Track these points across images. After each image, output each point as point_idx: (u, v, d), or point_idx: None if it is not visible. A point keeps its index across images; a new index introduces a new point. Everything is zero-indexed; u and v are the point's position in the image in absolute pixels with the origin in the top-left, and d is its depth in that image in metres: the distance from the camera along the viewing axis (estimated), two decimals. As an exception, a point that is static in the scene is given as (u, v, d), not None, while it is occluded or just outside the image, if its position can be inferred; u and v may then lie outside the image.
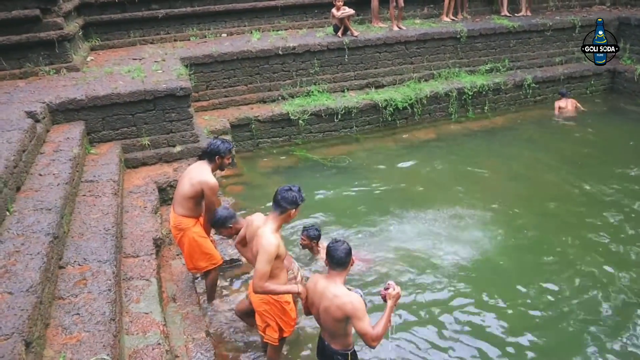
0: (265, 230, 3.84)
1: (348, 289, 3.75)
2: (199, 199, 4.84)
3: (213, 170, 4.86)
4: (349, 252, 3.71)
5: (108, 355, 3.20)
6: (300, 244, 5.88)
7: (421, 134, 10.06)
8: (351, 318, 3.58)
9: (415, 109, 10.26)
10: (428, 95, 10.33)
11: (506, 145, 9.60)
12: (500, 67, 11.55)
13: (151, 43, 10.20)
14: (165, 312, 4.65)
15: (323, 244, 5.82)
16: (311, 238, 5.76)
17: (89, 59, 9.00)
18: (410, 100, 10.14)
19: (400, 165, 8.85)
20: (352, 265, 3.81)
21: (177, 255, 5.70)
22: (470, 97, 10.73)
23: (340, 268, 3.70)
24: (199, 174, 4.80)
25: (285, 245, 4.06)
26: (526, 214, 7.14)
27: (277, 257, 3.82)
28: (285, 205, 3.84)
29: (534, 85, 11.30)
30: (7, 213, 4.21)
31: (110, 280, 3.96)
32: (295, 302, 4.35)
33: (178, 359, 4.21)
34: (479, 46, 11.39)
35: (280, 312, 4.09)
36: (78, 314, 3.57)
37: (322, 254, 5.79)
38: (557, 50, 12.09)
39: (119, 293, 4.18)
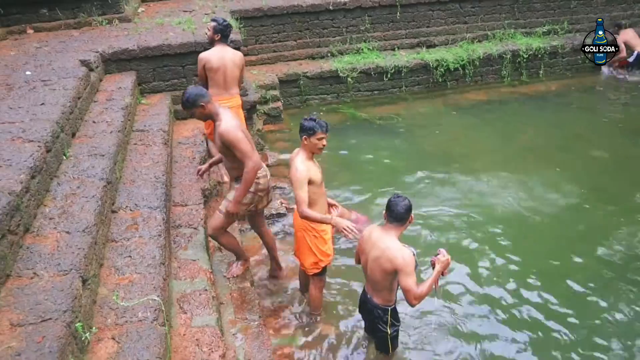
0: (294, 160, 4.17)
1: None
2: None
3: None
4: (408, 209, 3.70)
5: (158, 296, 3.29)
6: None
7: (471, 96, 9.81)
8: (399, 272, 3.59)
9: (466, 71, 9.98)
10: (481, 57, 10.01)
11: (559, 112, 9.25)
12: (559, 30, 11.02)
13: (201, -5, 10.15)
14: (212, 260, 4.75)
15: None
16: None
17: (140, 10, 9.03)
18: (462, 61, 9.86)
19: (448, 127, 8.68)
20: (411, 222, 3.81)
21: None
22: (525, 60, 10.34)
23: (398, 223, 3.71)
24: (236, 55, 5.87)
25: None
26: (574, 184, 6.90)
27: (311, 182, 4.08)
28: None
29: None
30: (64, 157, 4.33)
31: (160, 226, 4.05)
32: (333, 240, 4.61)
33: (223, 305, 4.32)
34: (537, 6, 10.87)
35: (317, 240, 4.30)
36: (130, 256, 3.68)
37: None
38: (621, 13, 11.40)
39: (168, 239, 4.28)
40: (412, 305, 3.73)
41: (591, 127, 8.62)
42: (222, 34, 5.77)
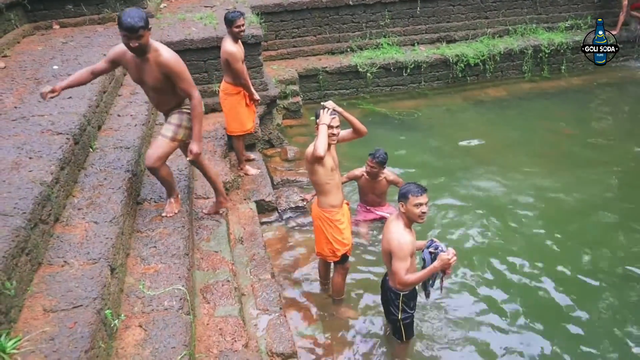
0: None
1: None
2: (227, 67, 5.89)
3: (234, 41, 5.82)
4: (401, 195, 3.86)
5: (183, 286, 3.37)
6: (366, 171, 5.69)
7: (492, 92, 9.74)
8: (392, 254, 3.80)
9: (487, 66, 9.91)
10: (502, 52, 9.94)
11: (582, 108, 9.16)
12: (582, 24, 10.87)
13: (222, -9, 10.22)
14: (233, 252, 4.82)
15: (387, 174, 5.75)
16: (381, 162, 5.54)
17: (162, 5, 9.13)
18: (483, 56, 9.80)
19: (468, 123, 8.63)
20: (405, 208, 3.87)
21: (245, 199, 5.85)
22: (546, 55, 10.23)
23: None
24: (222, 46, 5.80)
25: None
26: (596, 182, 6.80)
27: (320, 164, 4.21)
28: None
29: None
30: (91, 150, 4.44)
31: (184, 217, 4.13)
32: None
33: (245, 297, 4.38)
34: (560, 1, 10.74)
35: (332, 229, 4.42)
36: (155, 247, 3.77)
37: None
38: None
39: (191, 231, 4.36)
40: (397, 289, 3.94)
41: (615, 123, 8.52)
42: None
